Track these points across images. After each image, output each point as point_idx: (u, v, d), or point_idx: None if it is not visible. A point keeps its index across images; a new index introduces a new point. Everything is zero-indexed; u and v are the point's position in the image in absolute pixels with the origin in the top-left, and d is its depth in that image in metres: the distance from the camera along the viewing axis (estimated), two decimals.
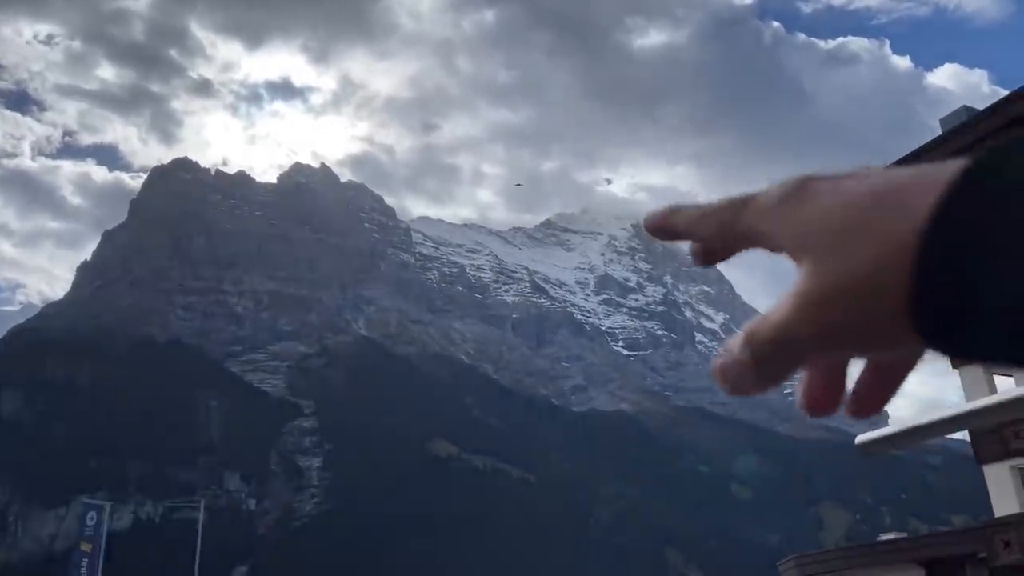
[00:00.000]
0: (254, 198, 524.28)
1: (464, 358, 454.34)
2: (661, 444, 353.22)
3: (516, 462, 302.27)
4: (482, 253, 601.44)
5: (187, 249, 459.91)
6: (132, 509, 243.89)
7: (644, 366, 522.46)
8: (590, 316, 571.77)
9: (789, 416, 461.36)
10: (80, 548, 39.07)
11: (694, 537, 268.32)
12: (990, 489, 27.84)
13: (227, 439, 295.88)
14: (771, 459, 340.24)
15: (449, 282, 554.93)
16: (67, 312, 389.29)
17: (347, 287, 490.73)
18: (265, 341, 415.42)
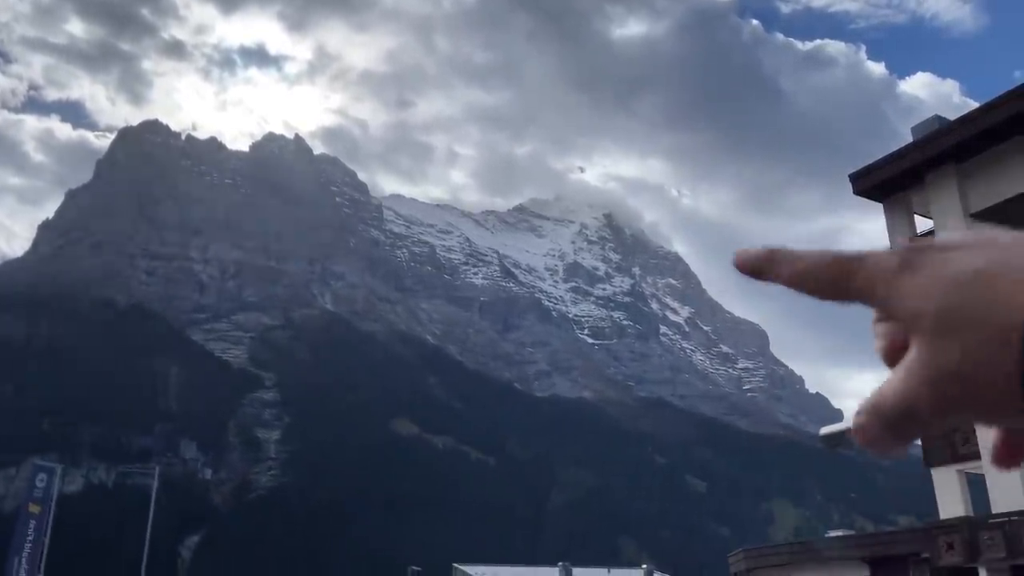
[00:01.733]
0: (225, 165, 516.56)
1: (430, 338, 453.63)
2: (621, 433, 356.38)
3: (476, 444, 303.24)
4: (453, 234, 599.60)
5: (153, 213, 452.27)
6: (84, 473, 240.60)
7: (608, 355, 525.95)
8: (558, 303, 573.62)
9: (747, 412, 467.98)
10: (28, 510, 38.44)
11: (648, 526, 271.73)
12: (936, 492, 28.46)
13: (185, 407, 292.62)
14: (727, 453, 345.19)
15: (419, 262, 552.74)
16: (26, 270, 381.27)
17: (315, 261, 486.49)
18: (229, 310, 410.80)
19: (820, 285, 0.76)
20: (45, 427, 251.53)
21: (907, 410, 0.70)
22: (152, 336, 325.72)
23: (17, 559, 36.94)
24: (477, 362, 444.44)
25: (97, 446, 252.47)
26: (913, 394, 0.69)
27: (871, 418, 0.72)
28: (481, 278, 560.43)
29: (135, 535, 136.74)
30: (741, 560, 38.23)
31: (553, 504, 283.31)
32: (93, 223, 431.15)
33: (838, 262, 0.75)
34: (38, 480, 39.44)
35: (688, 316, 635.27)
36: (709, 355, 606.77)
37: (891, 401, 0.70)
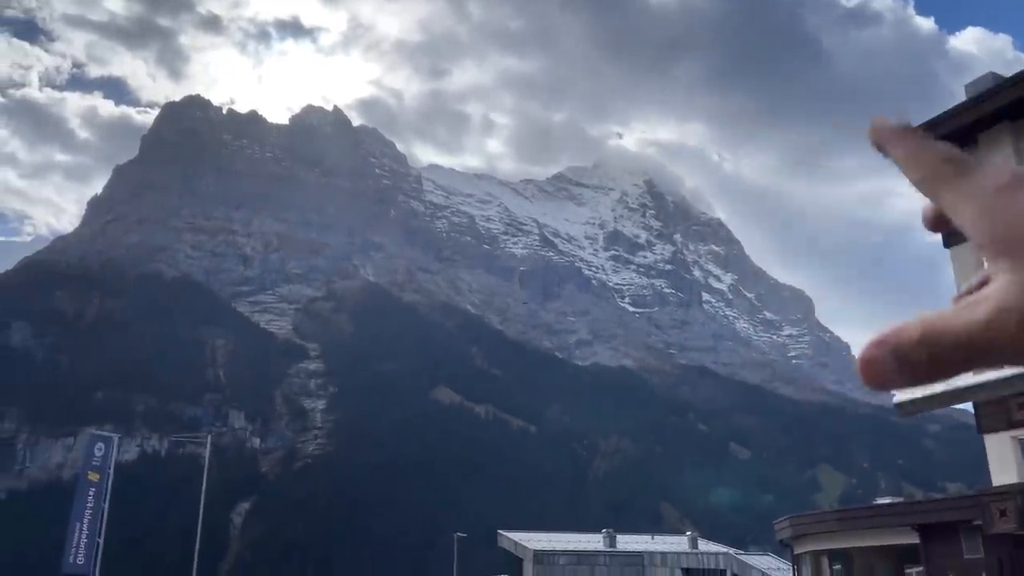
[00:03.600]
0: (265, 139, 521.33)
1: (470, 308, 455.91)
2: (662, 401, 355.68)
3: (518, 412, 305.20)
4: (492, 204, 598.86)
5: (197, 187, 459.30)
6: (138, 442, 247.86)
7: (649, 323, 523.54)
8: (598, 272, 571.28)
9: (792, 379, 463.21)
10: (88, 478, 39.73)
11: (691, 494, 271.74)
12: (990, 459, 27.92)
13: (233, 378, 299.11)
14: (771, 420, 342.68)
15: (458, 232, 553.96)
16: (77, 245, 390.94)
17: (356, 232, 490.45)
18: (273, 283, 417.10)
19: (926, 176, 0.72)
20: (99, 398, 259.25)
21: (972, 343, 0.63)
22: (199, 309, 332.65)
23: (79, 525, 38.29)
24: (517, 332, 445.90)
25: (149, 416, 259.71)
26: (986, 327, 0.63)
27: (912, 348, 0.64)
28: (521, 247, 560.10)
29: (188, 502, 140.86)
30: (787, 527, 38.04)
31: (595, 472, 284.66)
32: (140, 198, 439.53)
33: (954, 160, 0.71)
34: (96, 449, 40.70)
35: (731, 283, 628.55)
36: (752, 322, 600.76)
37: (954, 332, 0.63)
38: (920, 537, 30.96)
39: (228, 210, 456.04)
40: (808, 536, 36.88)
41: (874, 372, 0.66)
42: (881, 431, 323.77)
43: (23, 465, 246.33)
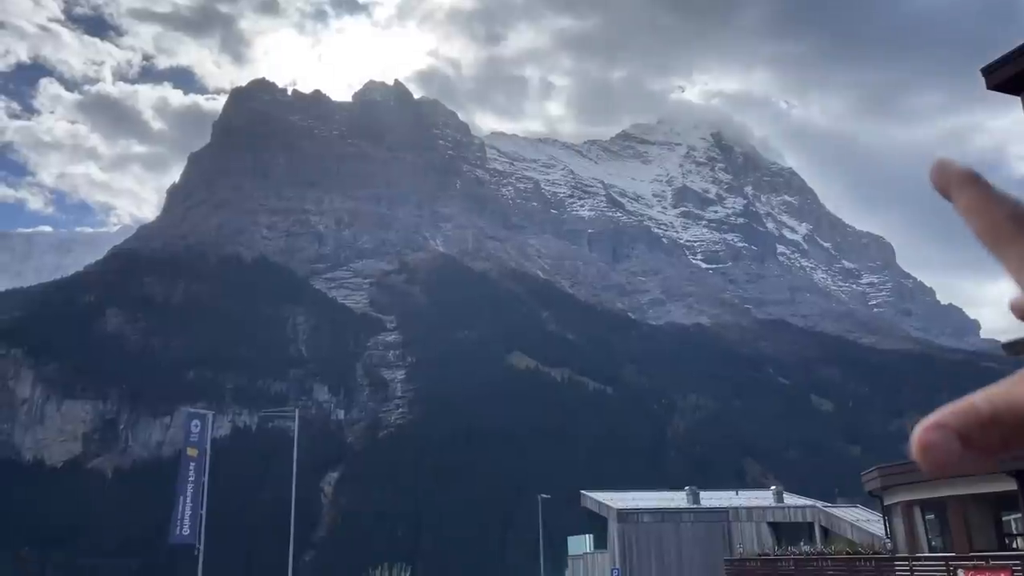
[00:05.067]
0: (331, 117, 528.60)
1: (540, 273, 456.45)
2: (740, 356, 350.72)
3: (594, 374, 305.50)
4: (557, 168, 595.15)
5: (269, 170, 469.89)
6: (230, 418, 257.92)
7: (723, 279, 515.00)
8: (668, 229, 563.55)
9: (874, 328, 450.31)
10: (187, 454, 41.76)
11: (773, 448, 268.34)
12: None
13: (315, 353, 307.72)
14: (854, 371, 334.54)
15: (524, 198, 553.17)
16: (160, 233, 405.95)
17: (423, 204, 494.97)
18: (347, 259, 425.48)
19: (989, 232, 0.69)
20: (191, 377, 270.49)
21: None
22: (278, 287, 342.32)
23: (182, 498, 40.37)
24: (589, 294, 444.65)
25: (238, 393, 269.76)
26: None
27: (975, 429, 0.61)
28: (587, 210, 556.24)
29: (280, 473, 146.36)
30: (876, 478, 37.38)
31: (674, 430, 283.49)
32: (215, 184, 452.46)
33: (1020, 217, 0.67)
34: (192, 426, 42.69)
35: (806, 233, 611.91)
36: (830, 272, 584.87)
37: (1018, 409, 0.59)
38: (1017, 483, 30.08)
39: (300, 190, 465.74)
40: (898, 487, 36.19)
41: (935, 457, 0.62)
42: (970, 376, 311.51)
43: (126, 444, 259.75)
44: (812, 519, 58.56)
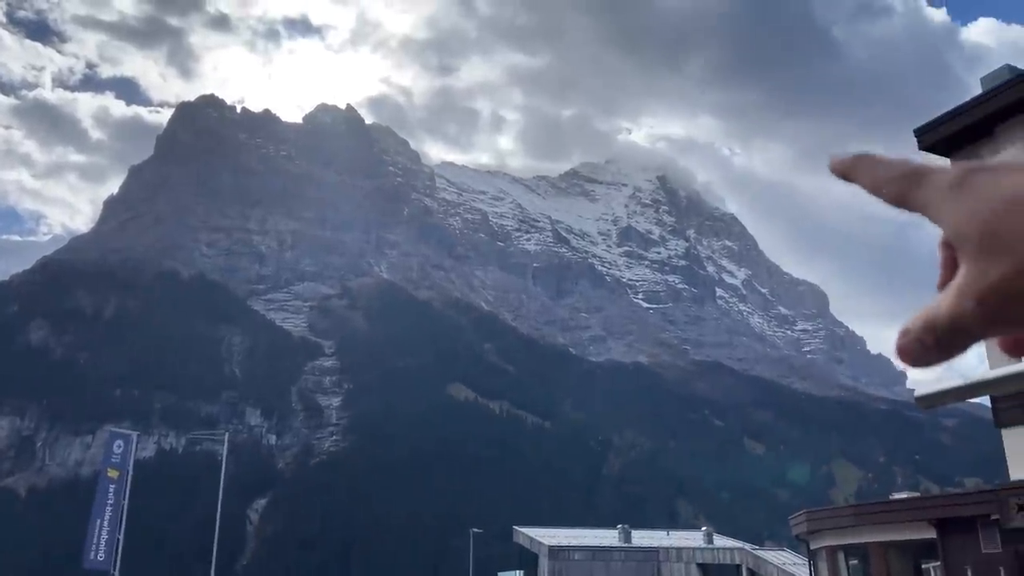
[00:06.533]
0: (279, 137, 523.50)
1: (484, 305, 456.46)
2: (677, 396, 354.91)
3: (532, 408, 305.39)
4: (505, 201, 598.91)
5: (212, 187, 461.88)
6: (156, 440, 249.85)
7: (663, 319, 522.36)
8: (611, 268, 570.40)
9: (807, 374, 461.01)
10: (107, 475, 40.19)
11: (706, 489, 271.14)
12: (1007, 453, 27.79)
13: (249, 375, 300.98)
14: (787, 416, 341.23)
15: (471, 229, 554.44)
16: (94, 245, 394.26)
17: (370, 230, 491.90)
18: (288, 281, 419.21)
19: (890, 195, 0.82)
20: (117, 396, 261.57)
21: (956, 326, 0.75)
22: (215, 307, 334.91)
23: (99, 521, 38.75)
24: (531, 328, 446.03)
25: (167, 414, 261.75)
26: (961, 311, 0.74)
27: (921, 335, 0.77)
28: (534, 244, 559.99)
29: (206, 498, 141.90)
30: (803, 522, 37.98)
31: (610, 468, 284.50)
32: (155, 197, 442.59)
33: (908, 174, 0.81)
34: (115, 447, 41.15)
35: (745, 278, 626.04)
36: (767, 317, 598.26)
37: (942, 318, 0.75)
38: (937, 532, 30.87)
39: (243, 209, 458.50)
40: (824, 531, 36.83)
41: (908, 357, 0.78)
42: (897, 426, 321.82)
43: (43, 463, 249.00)
44: (740, 561, 59.11)
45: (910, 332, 0.78)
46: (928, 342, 0.77)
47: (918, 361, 0.79)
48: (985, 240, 0.72)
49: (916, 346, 0.77)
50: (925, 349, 0.77)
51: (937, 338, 0.76)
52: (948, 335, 0.76)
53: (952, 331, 0.75)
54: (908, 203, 0.80)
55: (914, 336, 0.77)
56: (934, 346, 0.77)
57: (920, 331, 0.77)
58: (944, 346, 0.77)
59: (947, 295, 0.75)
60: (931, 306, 0.77)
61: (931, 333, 0.76)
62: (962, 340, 0.76)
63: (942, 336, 0.76)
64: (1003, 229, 0.72)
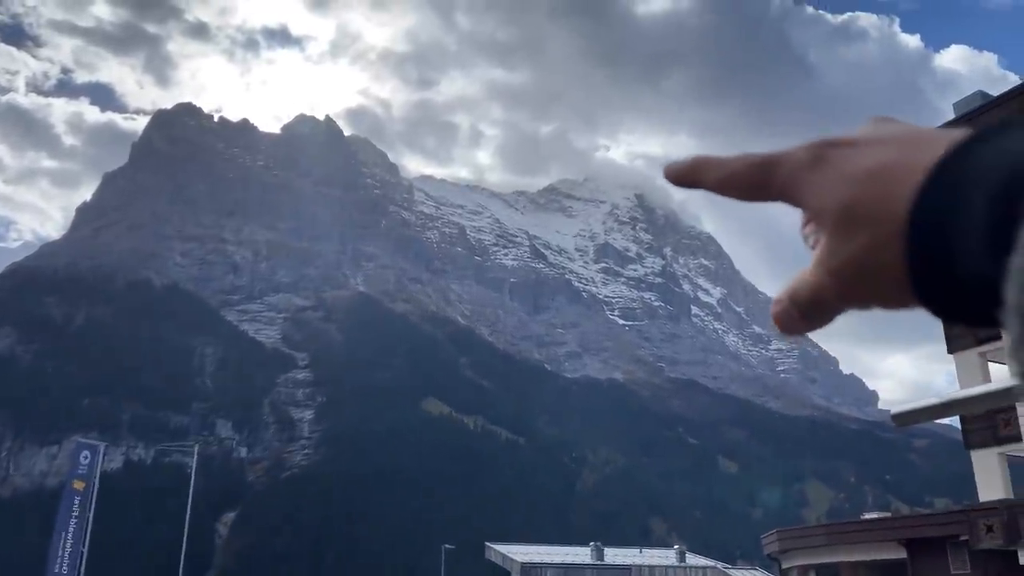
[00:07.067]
0: (257, 147, 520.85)
1: (460, 319, 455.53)
2: (651, 414, 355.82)
3: (507, 424, 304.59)
4: (483, 215, 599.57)
5: (188, 195, 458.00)
6: (123, 451, 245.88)
7: (639, 336, 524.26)
8: (588, 284, 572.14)
9: (781, 394, 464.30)
10: (73, 486, 39.42)
11: (679, 507, 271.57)
12: (976, 474, 28.08)
13: (221, 387, 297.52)
14: (760, 435, 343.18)
15: (449, 243, 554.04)
16: (65, 252, 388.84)
17: (347, 242, 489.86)
18: (262, 291, 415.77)
19: (743, 187, 0.81)
20: (85, 405, 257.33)
21: (816, 298, 0.76)
22: (187, 317, 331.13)
23: (63, 534, 37.94)
24: (507, 343, 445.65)
25: (135, 424, 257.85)
26: (820, 284, 0.75)
27: (788, 305, 0.79)
28: (511, 259, 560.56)
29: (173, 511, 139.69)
30: (775, 541, 38.09)
31: (584, 485, 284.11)
32: (129, 205, 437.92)
33: (758, 163, 0.80)
34: (82, 457, 40.39)
35: (720, 297, 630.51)
36: (741, 336, 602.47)
37: (803, 290, 0.77)
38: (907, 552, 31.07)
39: (218, 218, 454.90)
40: (796, 551, 36.94)
41: (780, 325, 0.80)
42: (868, 446, 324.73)
43: (7, 473, 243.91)
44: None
45: (780, 302, 0.80)
46: (794, 313, 0.79)
47: (787, 329, 0.81)
48: (843, 214, 0.72)
49: (784, 316, 0.79)
50: (792, 319, 0.79)
51: (800, 309, 0.78)
52: (809, 307, 0.77)
53: (812, 303, 0.77)
54: (765, 191, 0.80)
55: (782, 306, 0.79)
56: (799, 317, 0.79)
57: (786, 302, 0.79)
58: (808, 317, 0.79)
59: (809, 268, 0.77)
60: (797, 277, 0.78)
61: (796, 304, 0.78)
62: (823, 312, 0.78)
63: (804, 307, 0.78)
64: (860, 203, 0.72)
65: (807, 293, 0.77)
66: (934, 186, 0.67)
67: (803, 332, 0.83)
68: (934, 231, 0.66)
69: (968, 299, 0.66)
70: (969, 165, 0.67)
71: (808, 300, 0.77)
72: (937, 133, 0.73)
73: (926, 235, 0.67)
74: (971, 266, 0.64)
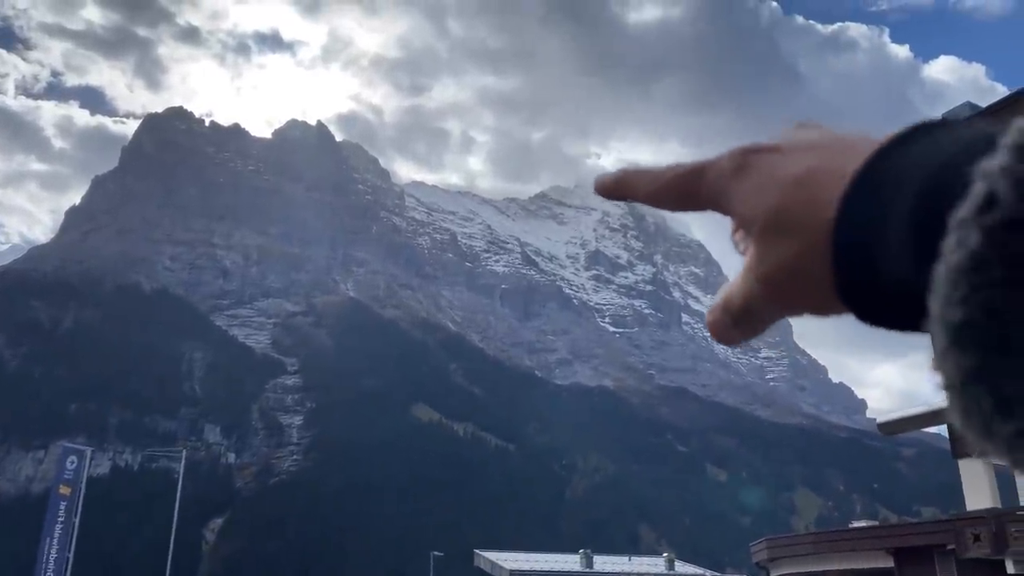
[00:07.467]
0: (248, 151, 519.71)
1: (451, 325, 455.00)
2: (641, 421, 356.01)
3: (497, 431, 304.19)
4: (475, 222, 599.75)
5: (178, 200, 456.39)
6: (110, 456, 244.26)
7: (629, 343, 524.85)
8: (579, 291, 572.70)
9: (770, 402, 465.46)
10: (59, 492, 39.14)
11: (669, 514, 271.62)
12: (964, 483, 28.21)
13: (209, 392, 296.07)
14: (749, 443, 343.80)
15: (440, 249, 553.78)
16: (54, 255, 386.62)
17: (337, 247, 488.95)
18: (252, 296, 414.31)
19: (673, 198, 0.81)
20: (72, 410, 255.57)
21: (747, 306, 0.76)
22: (176, 321, 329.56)
23: (48, 540, 37.66)
24: (498, 349, 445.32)
25: (123, 429, 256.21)
26: (750, 292, 0.75)
27: (721, 314, 0.79)
28: (502, 265, 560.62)
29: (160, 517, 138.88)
30: (763, 550, 38.12)
31: (573, 491, 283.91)
32: (119, 209, 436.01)
33: (686, 173, 0.79)
34: (68, 463, 40.11)
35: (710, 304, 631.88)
36: None
37: (735, 299, 0.77)
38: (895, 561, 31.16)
39: (209, 222, 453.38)
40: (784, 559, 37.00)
41: (715, 335, 0.81)
42: (856, 454, 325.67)
43: None
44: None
45: (714, 311, 0.79)
46: (727, 321, 0.78)
47: (722, 338, 0.81)
48: (770, 221, 0.72)
49: (718, 325, 0.79)
50: (725, 327, 0.79)
51: (732, 317, 0.78)
52: (741, 315, 0.77)
53: (743, 311, 0.77)
54: (694, 200, 0.79)
55: (715, 315, 0.79)
56: (732, 325, 0.78)
57: (719, 310, 0.79)
58: (740, 325, 0.78)
59: (739, 277, 0.76)
60: (728, 285, 0.78)
61: (728, 313, 0.78)
62: (754, 320, 0.77)
63: (736, 316, 0.77)
64: (786, 210, 0.71)
65: (738, 301, 0.77)
66: (858, 191, 0.67)
67: (737, 341, 0.82)
68: (859, 237, 0.66)
69: (895, 306, 0.66)
70: (892, 169, 0.66)
71: (739, 308, 0.77)
72: (862, 138, 0.72)
73: (851, 241, 0.66)
74: (896, 273, 0.63)
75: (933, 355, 0.67)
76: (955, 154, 0.62)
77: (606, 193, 0.87)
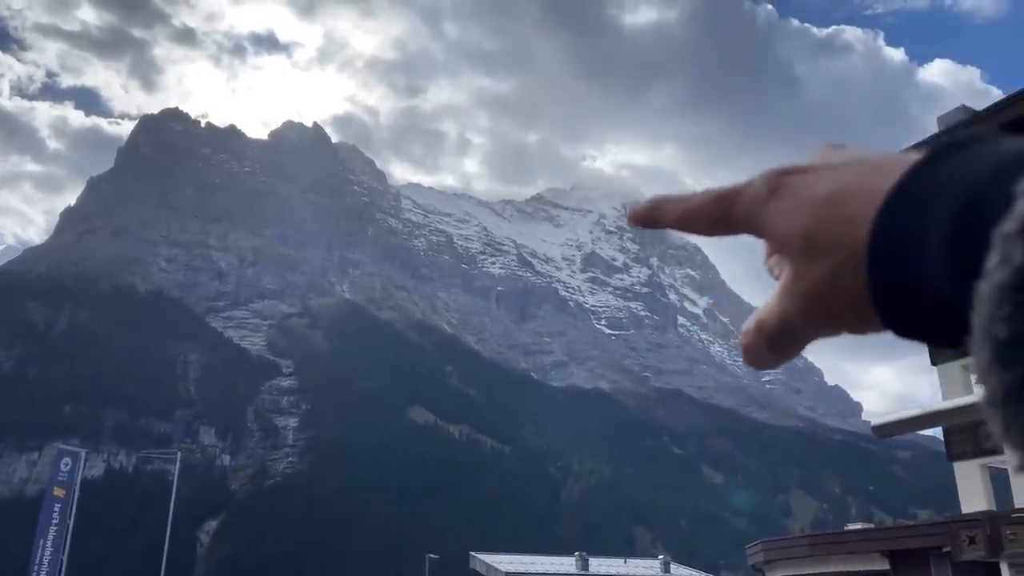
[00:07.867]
0: (243, 153, 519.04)
1: (446, 327, 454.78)
2: (637, 424, 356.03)
3: (492, 433, 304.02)
4: (470, 223, 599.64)
5: (173, 201, 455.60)
6: (105, 458, 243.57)
7: (625, 346, 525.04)
8: (575, 293, 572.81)
9: (766, 404, 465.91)
10: (53, 494, 39.00)
11: (664, 517, 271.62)
12: (959, 486, 28.27)
13: (204, 394, 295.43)
14: (745, 445, 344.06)
15: (436, 251, 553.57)
16: (49, 257, 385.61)
17: (333, 249, 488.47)
18: (248, 298, 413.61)
19: (706, 223, 0.81)
20: (67, 412, 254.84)
21: (783, 327, 0.75)
22: (172, 323, 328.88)
23: (42, 542, 37.52)
24: (493, 351, 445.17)
25: (118, 431, 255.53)
26: (787, 313, 0.74)
27: (756, 336, 0.78)
28: (498, 267, 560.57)
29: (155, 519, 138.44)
30: (759, 552, 38.15)
31: (569, 494, 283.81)
32: (114, 210, 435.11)
33: (718, 198, 0.80)
34: (63, 464, 39.98)
35: (706, 307, 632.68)
36: (727, 346, 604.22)
37: (770, 320, 0.76)
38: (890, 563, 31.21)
39: (204, 224, 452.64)
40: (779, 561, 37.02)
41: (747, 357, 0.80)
42: (852, 457, 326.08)
43: None
44: None
45: (748, 333, 0.79)
46: (761, 343, 0.78)
47: (755, 362, 0.80)
48: (805, 240, 0.72)
49: (752, 348, 0.78)
50: (759, 350, 0.78)
51: (767, 339, 0.77)
52: (776, 336, 0.76)
53: (779, 333, 0.76)
54: (727, 224, 0.80)
55: (750, 337, 0.78)
56: (767, 347, 0.78)
57: (753, 333, 0.78)
58: (775, 347, 0.77)
59: (774, 298, 0.76)
60: (762, 308, 0.78)
61: (761, 335, 0.77)
62: (790, 341, 0.77)
63: (771, 337, 0.77)
64: (821, 229, 0.71)
65: (774, 322, 0.76)
66: (893, 208, 0.67)
67: (772, 364, 0.81)
68: (896, 254, 0.66)
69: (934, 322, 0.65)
70: (928, 185, 0.66)
71: (775, 329, 0.76)
72: (896, 157, 0.72)
73: (888, 258, 0.66)
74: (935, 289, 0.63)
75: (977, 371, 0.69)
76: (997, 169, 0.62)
77: (640, 222, 0.87)
